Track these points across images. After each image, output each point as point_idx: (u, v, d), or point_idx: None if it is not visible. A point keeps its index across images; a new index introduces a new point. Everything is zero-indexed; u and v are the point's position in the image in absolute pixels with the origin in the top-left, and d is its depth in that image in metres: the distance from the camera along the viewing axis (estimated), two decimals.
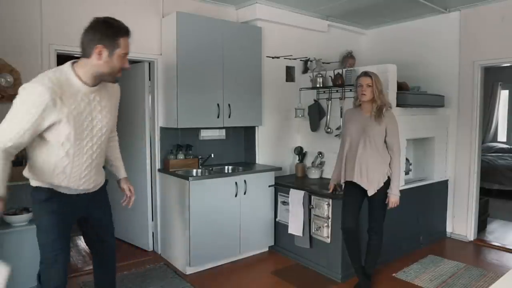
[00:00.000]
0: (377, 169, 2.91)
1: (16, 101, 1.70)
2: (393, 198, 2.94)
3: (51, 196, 1.90)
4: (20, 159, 2.95)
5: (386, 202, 2.96)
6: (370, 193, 2.92)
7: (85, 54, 1.82)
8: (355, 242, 3.06)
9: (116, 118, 2.16)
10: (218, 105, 3.78)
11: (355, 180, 2.95)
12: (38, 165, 1.88)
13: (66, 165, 1.88)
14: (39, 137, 1.81)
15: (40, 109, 1.67)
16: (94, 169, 2.02)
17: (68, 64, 1.84)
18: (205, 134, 4.12)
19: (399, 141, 2.98)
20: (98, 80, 1.88)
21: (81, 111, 1.83)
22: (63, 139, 1.80)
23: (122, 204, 2.30)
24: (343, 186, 3.14)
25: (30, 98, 1.68)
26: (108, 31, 1.80)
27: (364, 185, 2.93)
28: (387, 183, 2.94)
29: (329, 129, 4.14)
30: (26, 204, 3.06)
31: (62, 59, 3.31)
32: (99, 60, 1.80)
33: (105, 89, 1.99)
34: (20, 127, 1.68)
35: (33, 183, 1.94)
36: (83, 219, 2.15)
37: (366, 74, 2.92)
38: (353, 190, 3.00)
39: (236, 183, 3.65)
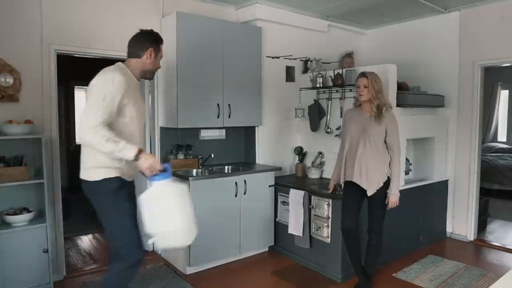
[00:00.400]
0: (377, 169, 2.91)
1: (100, 88, 2.01)
2: (393, 198, 2.94)
3: (121, 184, 2.12)
4: (20, 159, 2.95)
5: (386, 202, 2.96)
6: (370, 193, 2.92)
7: (135, 55, 2.23)
8: (355, 242, 3.05)
9: None
10: (218, 105, 3.78)
11: (354, 180, 2.95)
12: None
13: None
14: None
15: (122, 91, 2.04)
16: None
17: (121, 63, 2.22)
18: (205, 134, 4.12)
19: (399, 141, 2.98)
20: (141, 76, 2.31)
21: (137, 98, 2.22)
22: (127, 119, 2.13)
23: None
24: (342, 186, 3.14)
25: (114, 84, 2.02)
26: (153, 38, 2.27)
27: (363, 185, 2.93)
28: (387, 183, 2.94)
29: (329, 129, 4.14)
30: (26, 204, 3.06)
31: (62, 59, 3.34)
32: (149, 59, 2.24)
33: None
34: (110, 107, 2.01)
35: (99, 175, 2.10)
36: None
37: (363, 74, 2.92)
38: (353, 190, 3.00)
39: (236, 183, 3.65)
